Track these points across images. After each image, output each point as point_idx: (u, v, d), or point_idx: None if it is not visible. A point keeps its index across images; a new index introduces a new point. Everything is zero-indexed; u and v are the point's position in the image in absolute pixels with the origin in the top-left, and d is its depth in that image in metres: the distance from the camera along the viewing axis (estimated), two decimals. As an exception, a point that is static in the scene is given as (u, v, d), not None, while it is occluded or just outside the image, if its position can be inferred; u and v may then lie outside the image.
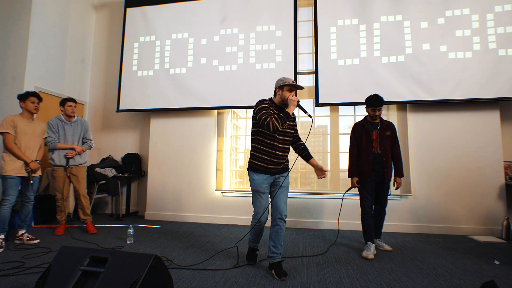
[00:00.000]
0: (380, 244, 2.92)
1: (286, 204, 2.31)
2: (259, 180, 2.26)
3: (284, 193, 2.30)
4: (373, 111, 2.82)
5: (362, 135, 2.88)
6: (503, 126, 3.71)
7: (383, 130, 2.85)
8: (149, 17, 4.66)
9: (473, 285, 2.05)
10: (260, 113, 2.20)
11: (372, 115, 2.85)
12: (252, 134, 2.35)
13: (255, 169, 2.28)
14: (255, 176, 2.27)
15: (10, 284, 2.00)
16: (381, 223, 2.97)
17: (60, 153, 3.35)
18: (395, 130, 2.95)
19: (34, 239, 3.04)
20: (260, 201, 2.27)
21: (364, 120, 2.95)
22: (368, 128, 2.86)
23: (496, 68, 3.54)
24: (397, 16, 3.87)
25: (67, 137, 3.39)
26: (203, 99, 4.31)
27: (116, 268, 1.56)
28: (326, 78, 3.99)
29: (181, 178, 4.38)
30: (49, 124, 3.34)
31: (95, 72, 5.20)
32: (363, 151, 2.85)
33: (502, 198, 3.52)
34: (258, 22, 4.28)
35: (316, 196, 3.98)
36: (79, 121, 3.51)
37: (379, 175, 2.82)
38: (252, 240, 2.43)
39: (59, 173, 3.36)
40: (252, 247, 2.47)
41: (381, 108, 2.82)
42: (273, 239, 2.24)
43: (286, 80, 2.29)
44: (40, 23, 4.23)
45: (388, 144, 2.85)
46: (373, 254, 2.66)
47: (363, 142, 2.86)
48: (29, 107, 3.04)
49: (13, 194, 2.90)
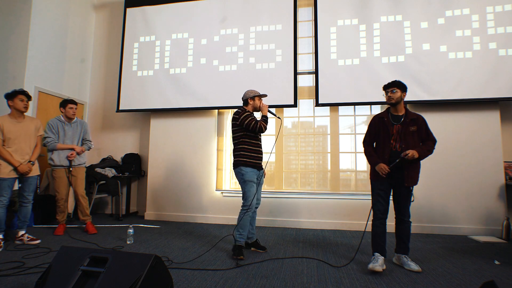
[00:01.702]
0: (406, 262, 2.35)
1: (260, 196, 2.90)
2: (251, 172, 2.71)
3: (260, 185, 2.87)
4: (386, 95, 2.40)
5: (380, 130, 2.42)
6: (503, 126, 3.71)
7: (406, 124, 2.33)
8: (149, 17, 4.66)
9: (473, 285, 2.05)
10: (247, 119, 2.68)
11: (387, 100, 2.41)
12: (237, 137, 2.77)
13: (247, 164, 2.71)
14: (248, 169, 2.71)
15: (10, 284, 2.00)
16: (404, 236, 2.40)
17: (59, 153, 3.33)
18: (424, 124, 2.37)
19: (35, 240, 3.01)
20: (252, 191, 2.70)
21: (385, 112, 2.46)
22: (388, 122, 2.38)
23: (496, 68, 3.54)
24: (397, 16, 3.87)
25: (66, 137, 3.38)
26: (203, 99, 4.31)
27: (116, 268, 1.56)
28: (326, 78, 3.99)
29: (181, 178, 4.38)
30: (49, 124, 3.32)
31: (95, 72, 5.20)
32: (379, 147, 2.42)
33: (502, 198, 3.52)
34: (258, 22, 4.28)
35: (316, 196, 3.98)
36: (78, 122, 3.51)
37: (397, 178, 2.33)
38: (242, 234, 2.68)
39: (59, 174, 3.35)
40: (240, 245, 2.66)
41: (396, 89, 2.34)
42: (252, 223, 2.85)
43: (256, 92, 2.83)
44: (40, 23, 4.23)
45: (413, 142, 2.31)
46: (382, 267, 2.23)
47: (380, 137, 2.42)
48: (18, 105, 2.92)
49: (5, 196, 2.86)
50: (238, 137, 2.76)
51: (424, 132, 2.36)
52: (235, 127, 2.76)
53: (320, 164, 4.27)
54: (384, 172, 2.30)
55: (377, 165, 2.35)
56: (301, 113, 4.37)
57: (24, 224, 3.08)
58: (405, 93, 2.40)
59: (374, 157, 2.41)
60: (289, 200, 4.04)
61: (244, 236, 2.69)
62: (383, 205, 2.36)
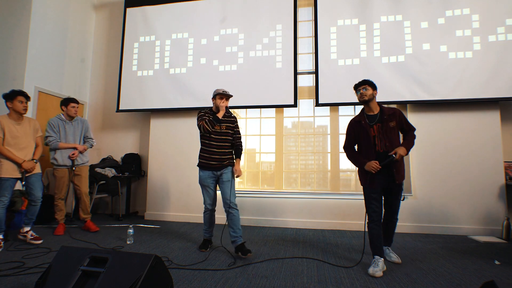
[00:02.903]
0: (389, 254, 2.53)
1: (233, 195, 2.71)
2: (203, 175, 2.73)
3: (227, 186, 2.69)
4: (358, 94, 2.43)
5: (359, 133, 2.42)
6: (503, 126, 3.71)
7: (385, 121, 2.34)
8: (149, 17, 4.66)
9: (473, 285, 2.05)
10: (198, 120, 2.71)
11: (359, 98, 2.43)
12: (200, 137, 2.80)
13: (200, 166, 2.77)
14: (201, 173, 2.76)
15: (10, 284, 2.00)
16: (390, 231, 2.53)
17: (62, 152, 3.34)
18: (402, 116, 2.39)
19: (38, 239, 3.00)
20: (205, 194, 2.77)
21: (360, 115, 2.45)
22: (366, 124, 2.37)
23: (496, 68, 3.54)
24: (397, 16, 3.87)
25: (68, 136, 3.38)
26: (203, 99, 4.30)
27: (116, 268, 1.56)
28: (326, 78, 3.99)
29: (181, 178, 4.38)
30: (50, 123, 3.32)
31: (95, 72, 5.20)
32: (362, 151, 2.44)
33: (502, 198, 3.52)
34: (258, 22, 4.28)
35: (316, 196, 3.98)
36: (79, 120, 3.51)
37: (387, 177, 2.35)
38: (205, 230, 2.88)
39: (61, 173, 3.36)
40: (205, 238, 2.88)
41: (367, 87, 2.37)
42: (231, 225, 2.66)
43: (217, 91, 2.74)
44: (40, 23, 4.23)
45: (394, 138, 2.33)
46: (382, 270, 2.23)
47: (362, 142, 2.42)
48: (17, 107, 2.88)
49: (6, 196, 2.85)
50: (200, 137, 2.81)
51: (405, 124, 2.40)
52: None
53: (320, 164, 4.27)
54: (374, 169, 2.28)
55: (366, 164, 2.34)
56: (301, 113, 4.37)
57: (31, 221, 3.07)
58: (376, 91, 2.44)
59: (360, 158, 2.42)
60: (289, 200, 4.04)
61: (207, 231, 2.87)
62: (378, 207, 2.35)
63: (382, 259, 2.29)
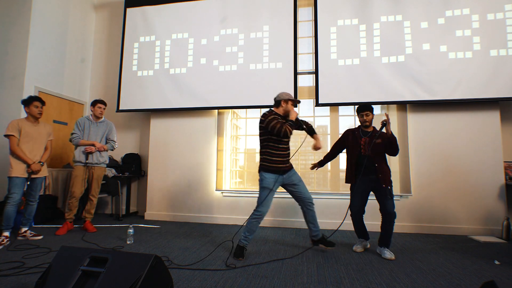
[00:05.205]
0: (382, 251, 2.69)
1: (308, 192, 2.80)
2: (270, 179, 2.66)
3: (302, 186, 2.79)
4: (361, 117, 2.86)
5: (351, 139, 2.90)
6: (503, 126, 3.71)
7: (373, 137, 2.77)
8: (149, 17, 4.66)
9: (473, 285, 2.05)
10: (272, 122, 2.58)
11: (361, 121, 2.87)
12: (262, 140, 2.71)
13: (268, 169, 2.67)
14: (268, 175, 2.67)
15: (10, 284, 2.00)
16: (387, 233, 2.67)
17: (81, 149, 3.45)
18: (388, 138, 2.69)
19: (38, 235, 3.17)
20: (264, 196, 2.64)
21: (357, 128, 2.96)
22: (358, 135, 2.87)
23: (496, 68, 3.54)
24: (397, 16, 3.87)
25: (91, 135, 3.52)
26: (203, 99, 4.30)
27: (116, 268, 1.56)
28: (326, 78, 3.99)
29: (181, 178, 4.38)
30: (77, 122, 3.53)
31: (95, 72, 5.20)
32: (349, 154, 2.89)
33: (502, 198, 3.52)
34: (259, 22, 4.28)
35: (316, 196, 3.97)
36: (105, 122, 3.66)
37: (372, 182, 2.73)
38: (247, 238, 2.66)
39: (76, 171, 3.44)
40: (242, 246, 2.65)
41: (369, 113, 2.81)
42: (311, 220, 2.78)
43: (289, 95, 2.72)
44: (40, 23, 4.23)
45: (378, 149, 2.74)
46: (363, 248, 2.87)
47: (350, 144, 2.89)
48: (33, 112, 3.13)
49: (17, 193, 3.02)
50: (263, 141, 2.70)
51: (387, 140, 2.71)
52: (261, 129, 2.69)
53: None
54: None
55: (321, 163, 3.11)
56: (301, 113, 4.36)
57: (28, 221, 3.22)
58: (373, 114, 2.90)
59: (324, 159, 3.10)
60: (289, 200, 4.04)
61: (249, 239, 2.66)
62: (354, 205, 2.80)
63: (365, 241, 2.92)
